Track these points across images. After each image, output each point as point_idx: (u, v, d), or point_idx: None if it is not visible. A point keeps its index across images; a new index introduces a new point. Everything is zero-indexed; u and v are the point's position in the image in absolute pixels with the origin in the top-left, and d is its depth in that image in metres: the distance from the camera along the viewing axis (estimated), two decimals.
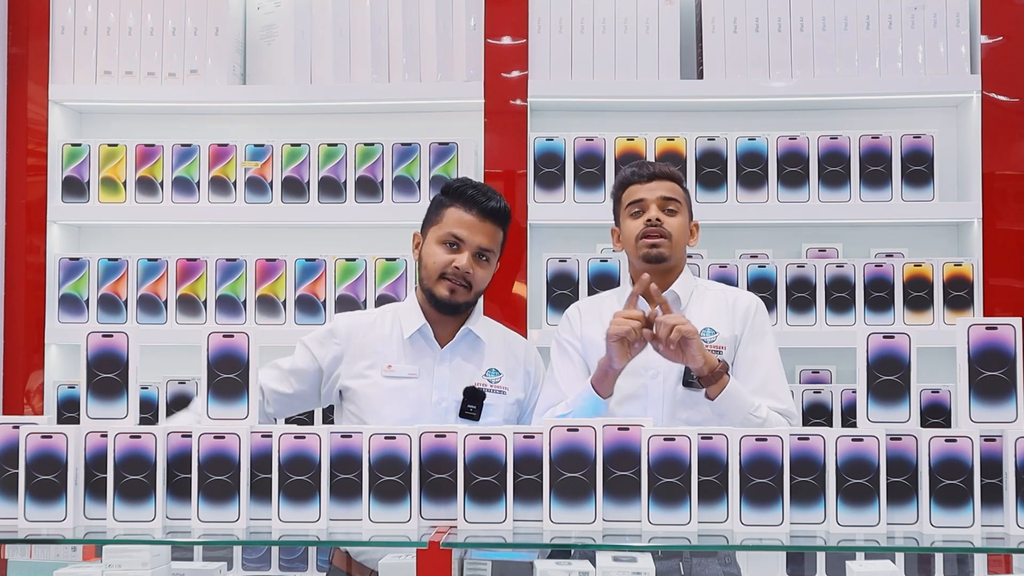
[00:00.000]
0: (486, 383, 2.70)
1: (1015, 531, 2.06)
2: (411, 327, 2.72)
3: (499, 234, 2.74)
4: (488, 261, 2.71)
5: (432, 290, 2.68)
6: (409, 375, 2.69)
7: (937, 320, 3.37)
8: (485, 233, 2.69)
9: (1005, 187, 3.42)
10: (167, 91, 3.62)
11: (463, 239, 2.67)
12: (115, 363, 2.22)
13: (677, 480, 2.10)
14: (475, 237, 2.67)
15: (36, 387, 3.55)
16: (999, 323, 2.14)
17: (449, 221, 2.69)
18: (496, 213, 2.71)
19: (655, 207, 2.72)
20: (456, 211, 2.69)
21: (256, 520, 2.17)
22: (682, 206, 2.76)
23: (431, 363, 2.71)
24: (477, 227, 2.68)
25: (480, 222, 2.68)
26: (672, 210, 2.74)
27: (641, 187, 2.75)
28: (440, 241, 2.68)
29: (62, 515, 2.14)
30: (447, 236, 2.68)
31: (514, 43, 3.53)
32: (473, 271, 2.66)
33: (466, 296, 2.68)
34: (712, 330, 2.71)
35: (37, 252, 3.59)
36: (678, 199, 2.75)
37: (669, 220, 2.72)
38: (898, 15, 3.47)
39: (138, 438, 2.16)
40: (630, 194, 2.77)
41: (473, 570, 2.12)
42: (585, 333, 2.79)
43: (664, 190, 2.74)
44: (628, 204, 2.76)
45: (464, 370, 2.72)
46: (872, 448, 2.09)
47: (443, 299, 2.67)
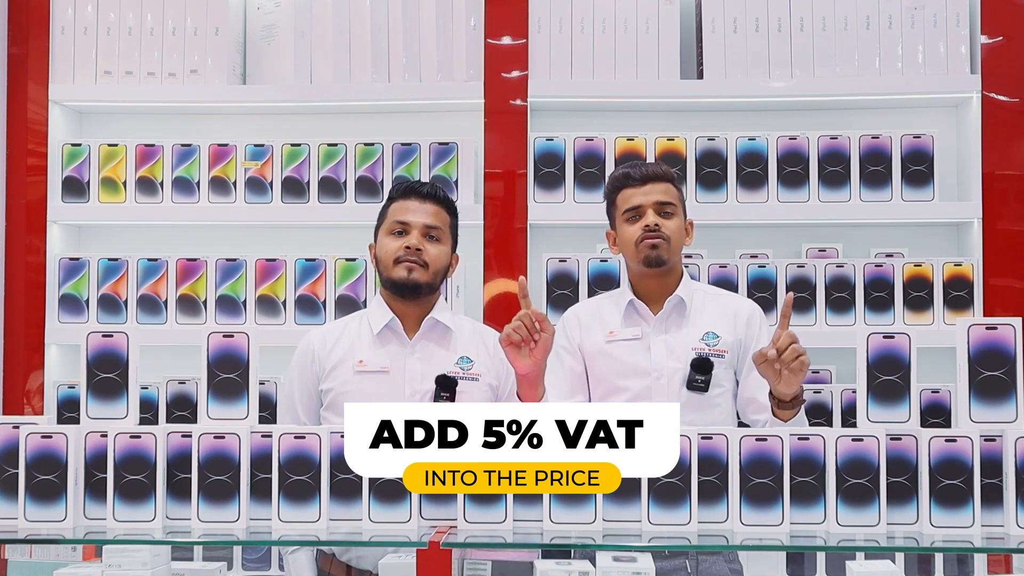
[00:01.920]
0: (458, 371, 2.72)
1: (1015, 531, 2.06)
2: (379, 323, 2.75)
3: (443, 215, 2.78)
4: (438, 240, 2.75)
5: (391, 277, 2.72)
6: (381, 369, 2.71)
7: (937, 320, 3.37)
8: (428, 213, 2.75)
9: (1005, 187, 3.42)
10: (167, 91, 3.61)
11: (408, 222, 2.74)
12: (115, 363, 2.22)
13: (677, 480, 2.10)
14: (418, 218, 2.74)
15: (36, 387, 3.55)
16: (999, 323, 2.14)
17: (393, 213, 2.77)
18: (434, 196, 2.78)
19: (652, 212, 2.74)
20: (397, 204, 2.78)
21: (256, 520, 2.17)
22: (677, 208, 2.77)
23: (402, 356, 2.73)
24: (419, 209, 2.75)
25: (421, 204, 2.76)
26: (668, 212, 2.76)
27: (636, 191, 2.76)
28: (388, 232, 2.76)
29: (62, 515, 2.14)
30: (393, 225, 2.75)
31: (514, 43, 3.53)
32: (424, 248, 2.72)
33: (424, 275, 2.71)
34: (715, 334, 2.75)
35: (37, 252, 3.59)
36: (673, 201, 2.77)
37: (666, 223, 2.74)
38: (898, 15, 3.47)
39: (138, 438, 2.16)
40: (625, 198, 2.78)
41: (473, 570, 2.12)
42: (585, 343, 2.82)
43: (659, 193, 2.76)
44: (624, 210, 2.77)
45: (435, 360, 2.74)
46: (872, 448, 2.09)
47: (402, 280, 2.70)
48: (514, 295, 3.44)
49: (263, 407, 2.89)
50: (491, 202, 3.50)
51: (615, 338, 2.79)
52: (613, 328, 2.81)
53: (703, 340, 2.75)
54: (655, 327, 2.78)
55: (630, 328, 2.79)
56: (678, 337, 2.76)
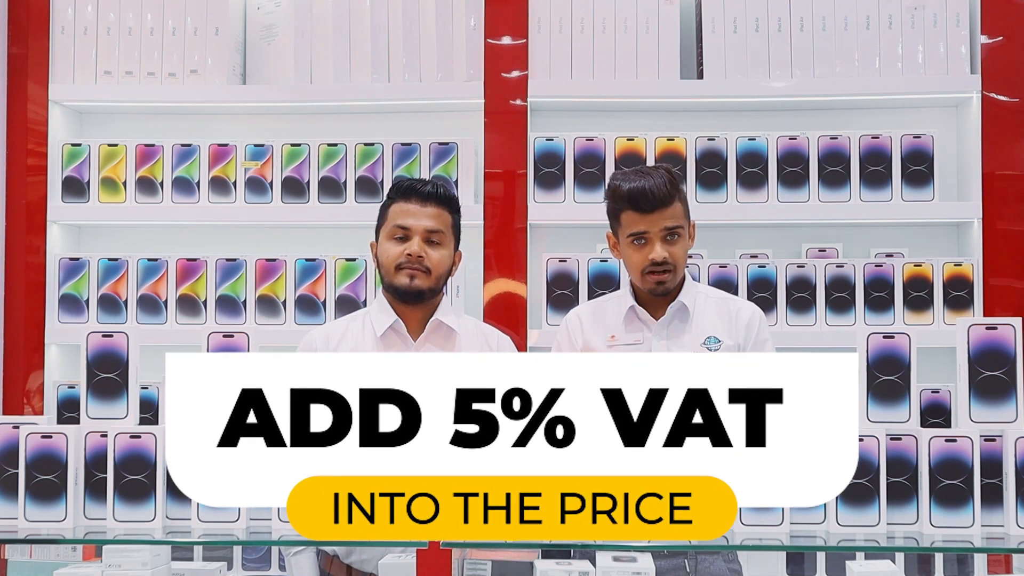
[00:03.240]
0: None
1: (1015, 531, 2.06)
2: (383, 325, 2.74)
3: (445, 216, 2.74)
4: (440, 244, 2.72)
5: (393, 283, 2.71)
6: None
7: (937, 320, 3.37)
8: (429, 216, 2.71)
9: (1005, 187, 3.42)
10: (167, 91, 3.62)
11: (409, 227, 2.70)
12: (115, 363, 2.22)
13: None
14: (420, 222, 2.70)
15: (36, 387, 3.55)
16: (999, 323, 2.14)
17: (393, 215, 2.73)
18: (435, 196, 2.73)
19: (659, 244, 2.66)
20: (398, 205, 2.74)
21: (256, 520, 2.17)
22: (684, 226, 2.71)
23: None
24: (420, 212, 2.71)
25: (422, 207, 2.71)
26: (676, 235, 2.68)
27: (642, 218, 2.67)
28: (389, 236, 2.72)
29: (62, 515, 2.14)
30: (394, 229, 2.72)
31: (514, 43, 3.53)
32: (426, 254, 2.69)
33: (427, 280, 2.70)
34: (716, 339, 2.74)
35: (37, 252, 3.59)
36: (681, 223, 2.69)
37: (673, 250, 2.68)
38: (898, 15, 3.47)
39: (138, 438, 2.16)
40: (630, 222, 2.69)
41: (473, 570, 2.12)
42: (590, 345, 2.80)
43: (667, 219, 2.66)
44: (629, 233, 2.69)
45: None
46: (872, 448, 2.09)
47: (404, 287, 2.69)
48: (514, 295, 3.45)
49: None
50: (491, 202, 3.50)
51: (616, 343, 2.78)
52: (615, 332, 2.80)
53: (704, 345, 2.74)
54: (656, 332, 2.77)
55: (632, 333, 2.78)
56: (680, 343, 2.75)
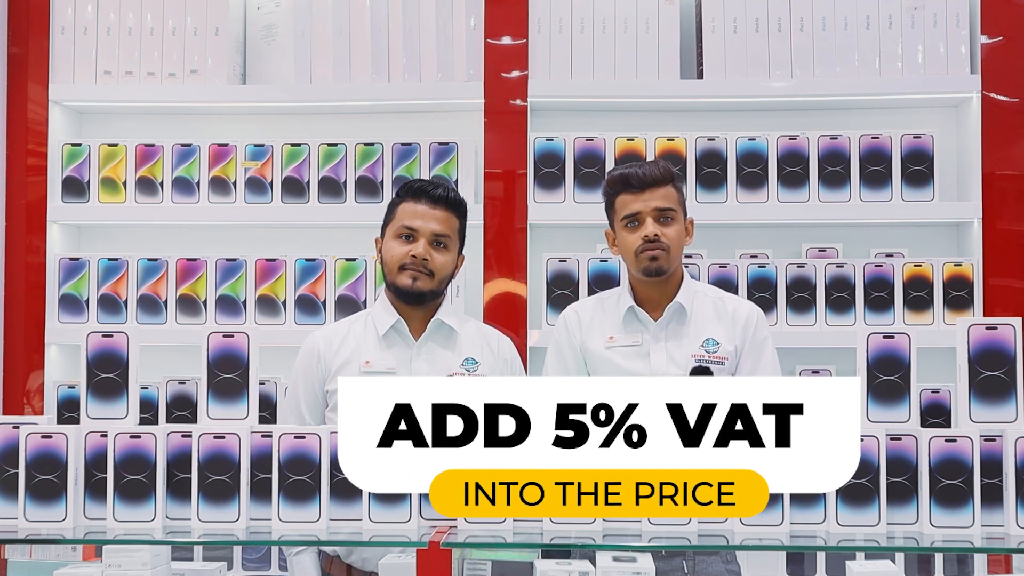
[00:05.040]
0: (464, 372, 2.71)
1: (1015, 531, 2.06)
2: (385, 324, 2.74)
3: (453, 220, 2.75)
4: (446, 248, 2.73)
5: (395, 283, 2.71)
6: (387, 370, 2.70)
7: (937, 320, 3.37)
8: (437, 219, 2.72)
9: (1005, 187, 3.42)
10: (167, 91, 3.61)
11: (416, 228, 2.70)
12: (115, 363, 2.22)
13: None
14: (428, 224, 2.71)
15: (36, 387, 3.55)
16: (999, 323, 2.14)
17: (401, 215, 2.74)
18: (445, 200, 2.74)
19: (651, 221, 2.70)
20: (407, 205, 2.74)
21: (256, 520, 2.17)
22: (678, 212, 2.74)
23: (407, 358, 2.73)
24: (428, 215, 2.71)
25: (431, 209, 2.72)
26: (668, 218, 2.72)
27: (634, 197, 2.72)
28: (395, 235, 2.73)
29: (62, 515, 2.14)
30: (401, 229, 2.72)
31: (514, 43, 3.53)
32: (431, 257, 2.69)
33: (429, 283, 2.70)
34: (714, 341, 2.73)
35: (37, 252, 3.59)
36: (673, 206, 2.73)
37: (666, 231, 2.71)
38: (898, 15, 3.47)
39: (138, 438, 2.16)
40: (623, 204, 2.74)
41: (473, 570, 2.12)
42: (587, 343, 2.80)
43: (658, 199, 2.71)
44: (623, 216, 2.74)
45: (441, 361, 2.73)
46: (873, 448, 2.08)
47: (406, 288, 2.69)
48: (514, 295, 3.45)
49: (263, 407, 2.88)
50: (491, 202, 3.50)
51: (615, 344, 2.78)
52: (613, 333, 2.80)
53: (703, 347, 2.74)
54: (655, 334, 2.77)
55: (630, 335, 2.78)
56: (678, 344, 2.75)
